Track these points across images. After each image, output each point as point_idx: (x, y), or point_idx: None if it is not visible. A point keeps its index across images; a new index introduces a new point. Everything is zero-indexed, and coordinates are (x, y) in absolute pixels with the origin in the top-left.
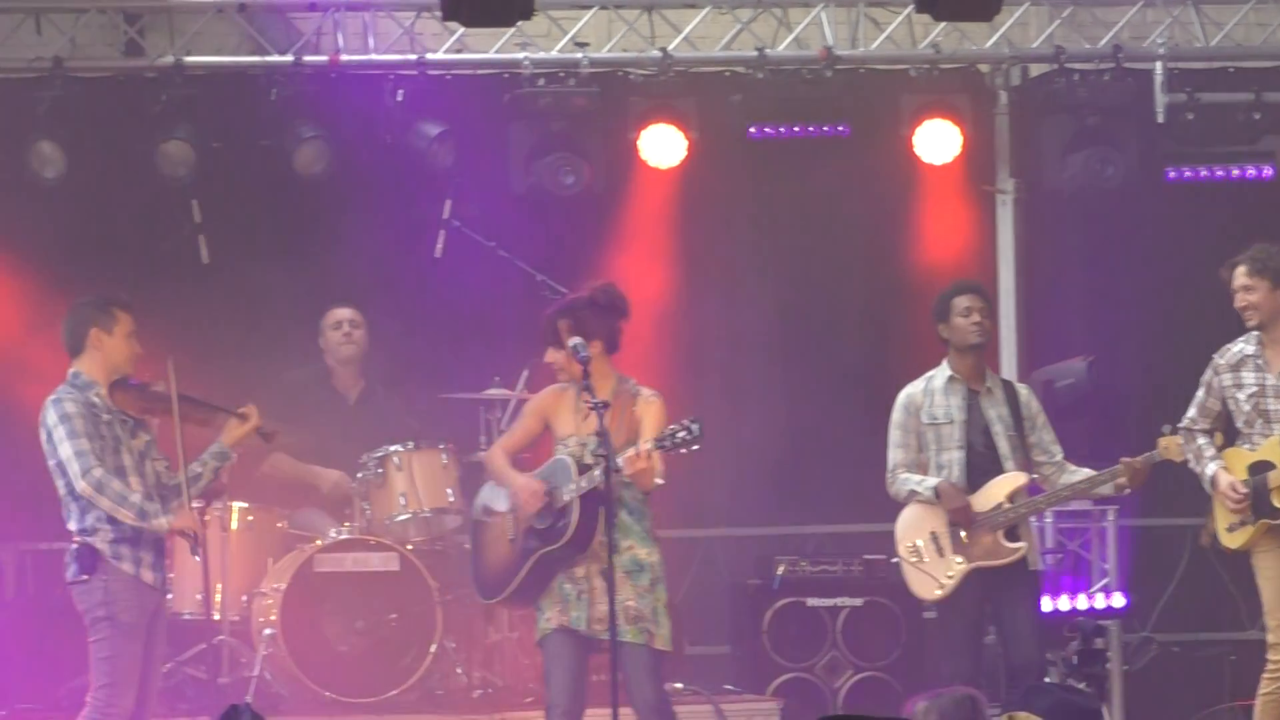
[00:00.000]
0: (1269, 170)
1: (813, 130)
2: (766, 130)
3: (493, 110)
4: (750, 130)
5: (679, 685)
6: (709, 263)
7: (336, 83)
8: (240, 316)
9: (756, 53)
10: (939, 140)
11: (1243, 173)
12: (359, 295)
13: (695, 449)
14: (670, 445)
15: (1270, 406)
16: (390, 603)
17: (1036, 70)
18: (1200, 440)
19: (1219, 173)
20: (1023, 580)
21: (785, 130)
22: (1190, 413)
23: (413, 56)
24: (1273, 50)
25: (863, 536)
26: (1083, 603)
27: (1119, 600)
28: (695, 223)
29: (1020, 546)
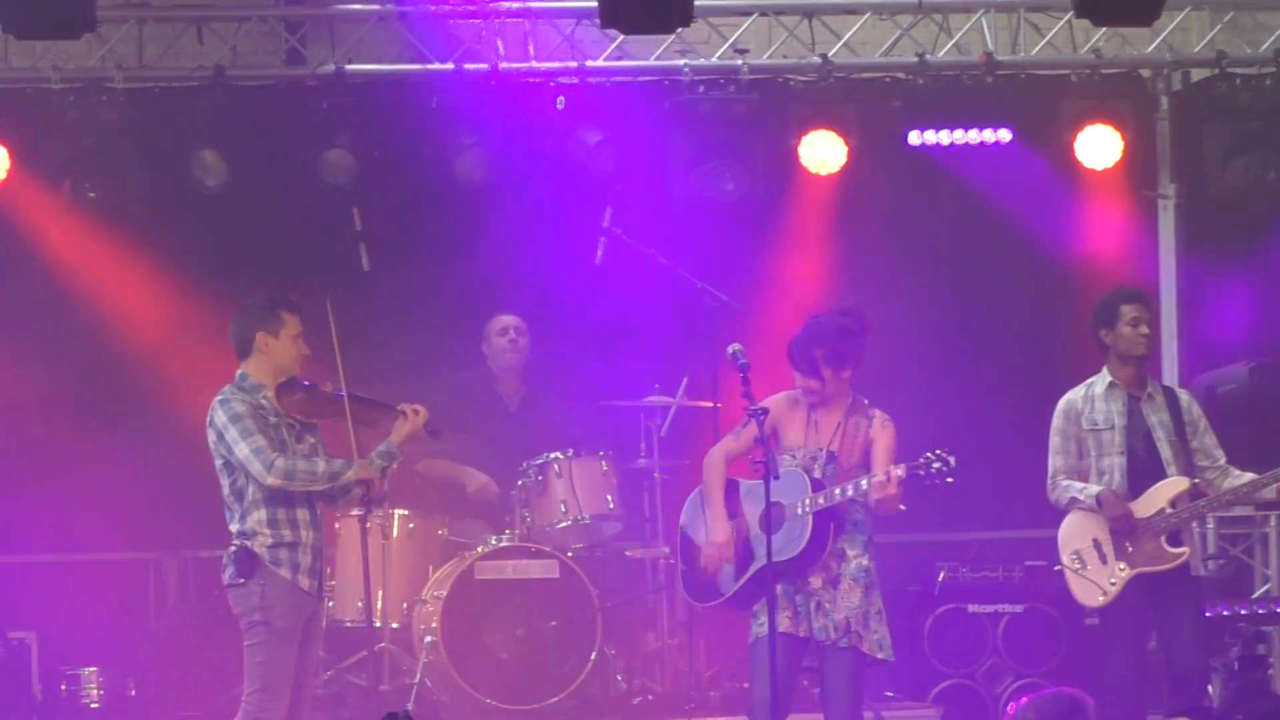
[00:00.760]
0: None
1: (973, 136)
2: (926, 136)
3: (653, 117)
4: (910, 136)
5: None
6: (868, 268)
7: (497, 90)
8: (401, 323)
9: (917, 59)
10: (1100, 145)
11: None
12: (519, 302)
13: (949, 482)
14: (924, 474)
15: None
16: (551, 610)
17: (1198, 75)
18: None
19: None
20: (1185, 586)
21: (946, 136)
22: None
23: (573, 64)
24: None
25: (1024, 542)
26: (1245, 608)
27: None
28: (854, 229)
29: (1182, 552)
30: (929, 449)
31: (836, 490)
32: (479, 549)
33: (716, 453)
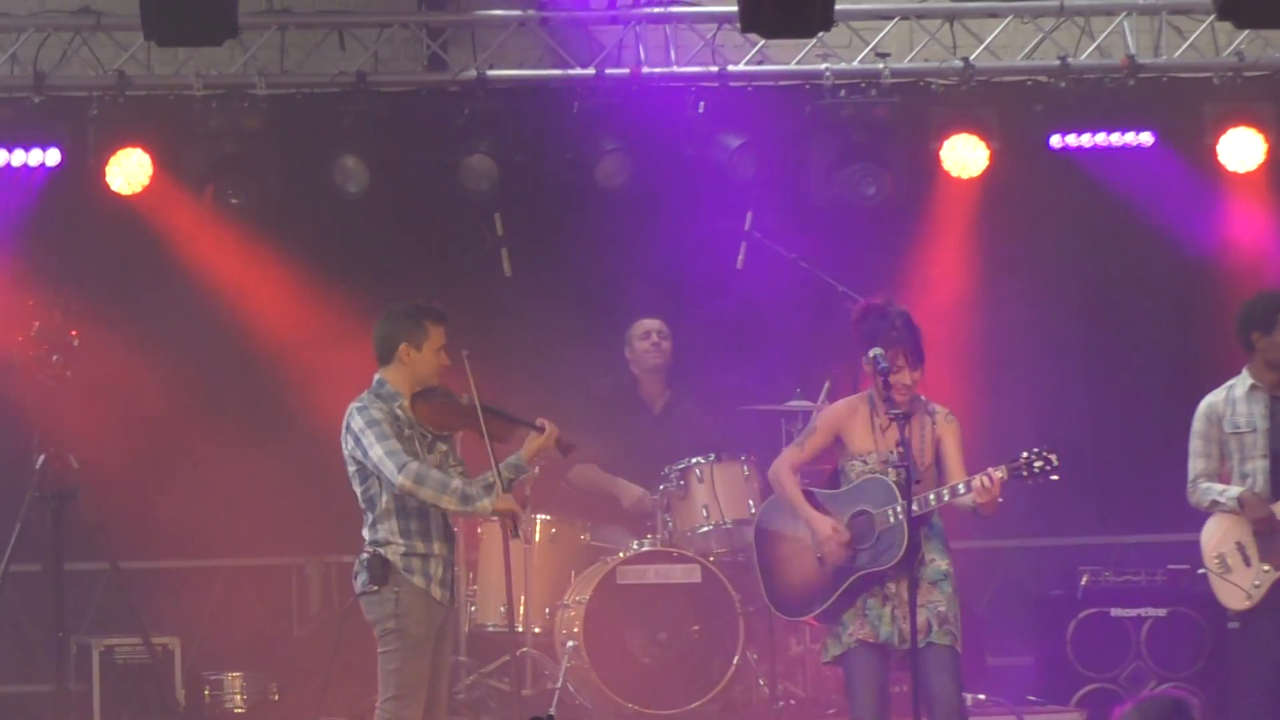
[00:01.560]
0: None
1: (1115, 139)
2: (1068, 139)
3: (794, 121)
4: (1052, 139)
5: (982, 696)
6: (1011, 272)
7: (638, 95)
8: (542, 328)
9: (1059, 62)
10: (1243, 148)
11: None
12: (661, 307)
13: (1054, 480)
14: (1027, 474)
15: None
16: (693, 615)
17: None
18: None
19: None
20: None
21: (1088, 139)
22: None
23: (714, 68)
24: None
25: (1167, 546)
26: None
27: None
28: (997, 232)
29: None
30: (1027, 448)
31: (931, 496)
32: (621, 554)
33: (782, 464)
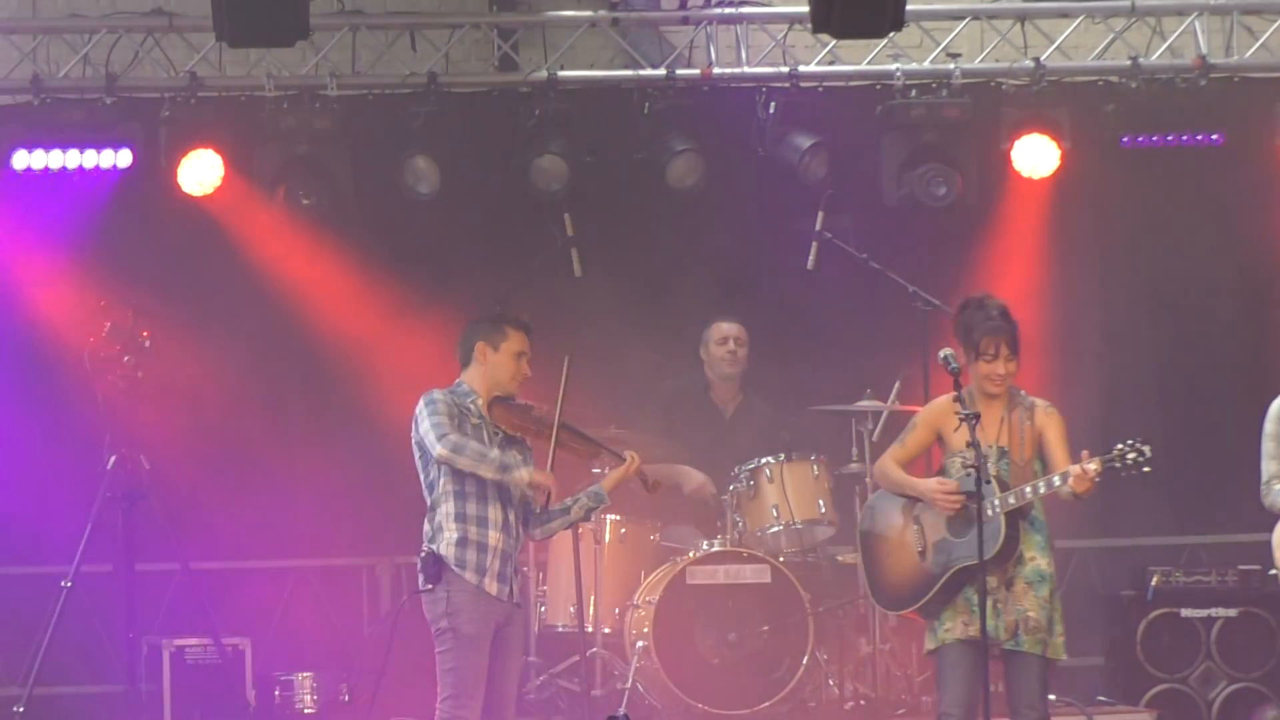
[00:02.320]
0: None
1: (1186, 139)
2: (1140, 139)
3: (865, 122)
4: (1124, 139)
5: (1052, 696)
6: (1082, 273)
7: (709, 96)
8: (613, 329)
9: (1130, 62)
10: None
11: None
12: (732, 307)
13: (1146, 471)
14: (1120, 465)
15: None
16: (762, 615)
17: None
18: None
19: None
20: None
21: (1159, 139)
22: None
23: (785, 69)
24: None
25: (1237, 546)
26: None
27: None
28: (1068, 233)
29: None
30: (1121, 441)
31: (1028, 489)
32: (690, 554)
33: (886, 460)
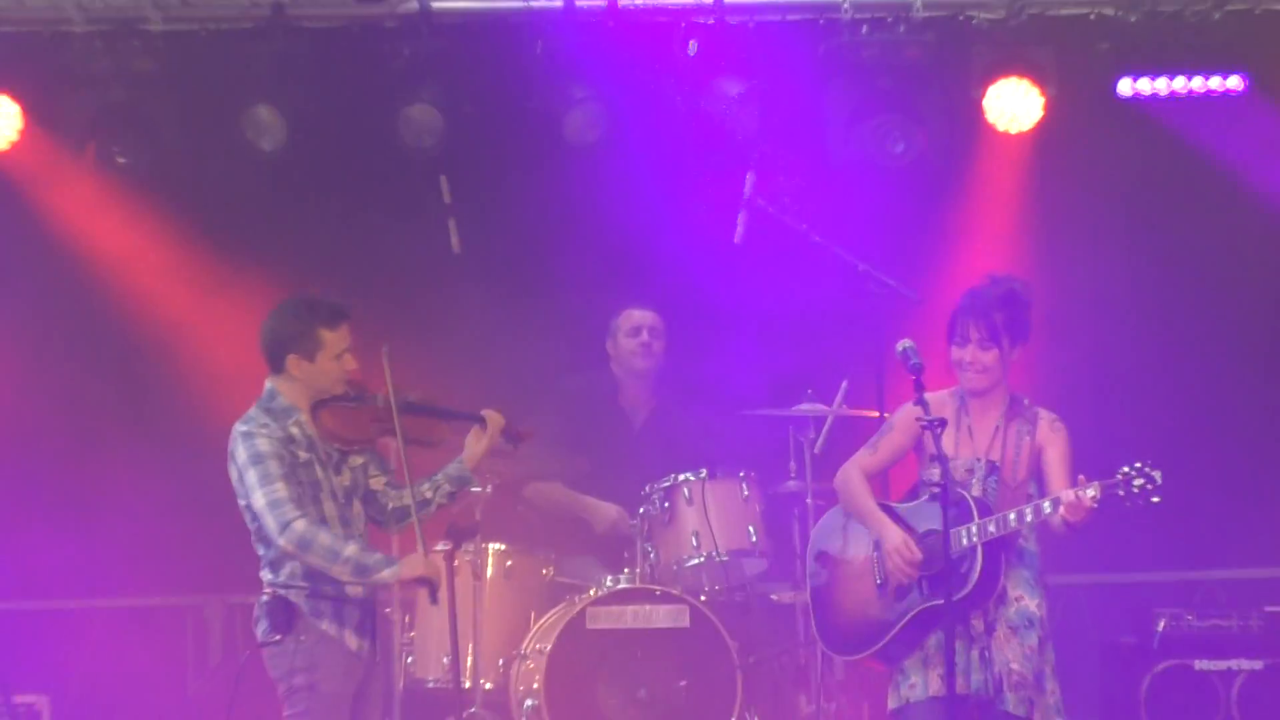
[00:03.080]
0: None
1: (1197, 84)
2: (1140, 85)
3: (806, 65)
4: (1120, 85)
5: None
6: (1069, 245)
7: (615, 32)
8: (498, 317)
9: None
10: None
11: None
12: (644, 290)
13: (1155, 501)
14: (1124, 495)
15: None
16: (680, 667)
17: None
18: None
19: None
20: None
21: (1164, 84)
22: None
23: (709, 0)
24: None
25: (1262, 583)
26: None
27: None
28: (1052, 197)
29: None
30: (1127, 463)
31: (1011, 515)
32: (591, 591)
33: (851, 468)
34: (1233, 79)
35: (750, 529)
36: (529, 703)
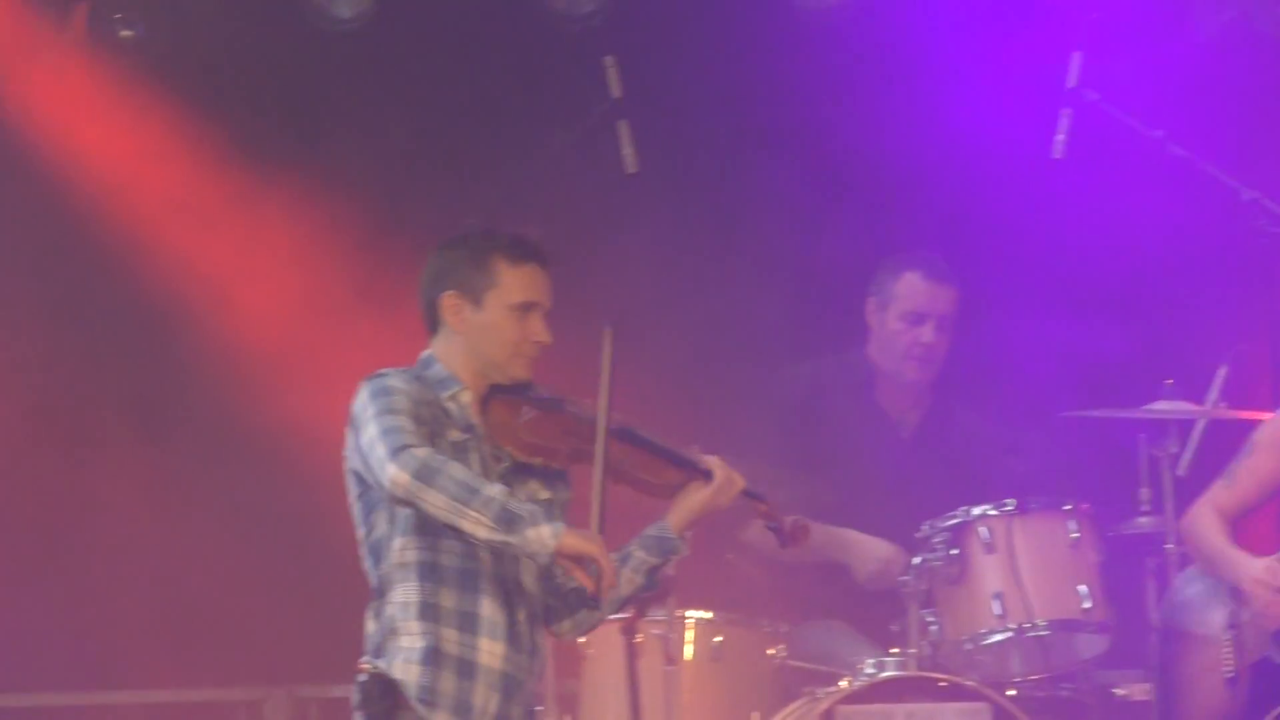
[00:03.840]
0: None
1: None
2: None
3: None
4: None
5: None
6: None
7: None
8: (694, 267)
9: None
10: None
11: None
12: (915, 233)
13: None
14: None
15: None
16: None
17: None
18: None
19: None
20: None
21: None
22: None
23: None
24: None
25: None
26: None
27: None
28: None
29: None
30: None
31: None
32: (844, 681)
33: (1204, 508)
34: None
35: (1081, 589)
36: None
